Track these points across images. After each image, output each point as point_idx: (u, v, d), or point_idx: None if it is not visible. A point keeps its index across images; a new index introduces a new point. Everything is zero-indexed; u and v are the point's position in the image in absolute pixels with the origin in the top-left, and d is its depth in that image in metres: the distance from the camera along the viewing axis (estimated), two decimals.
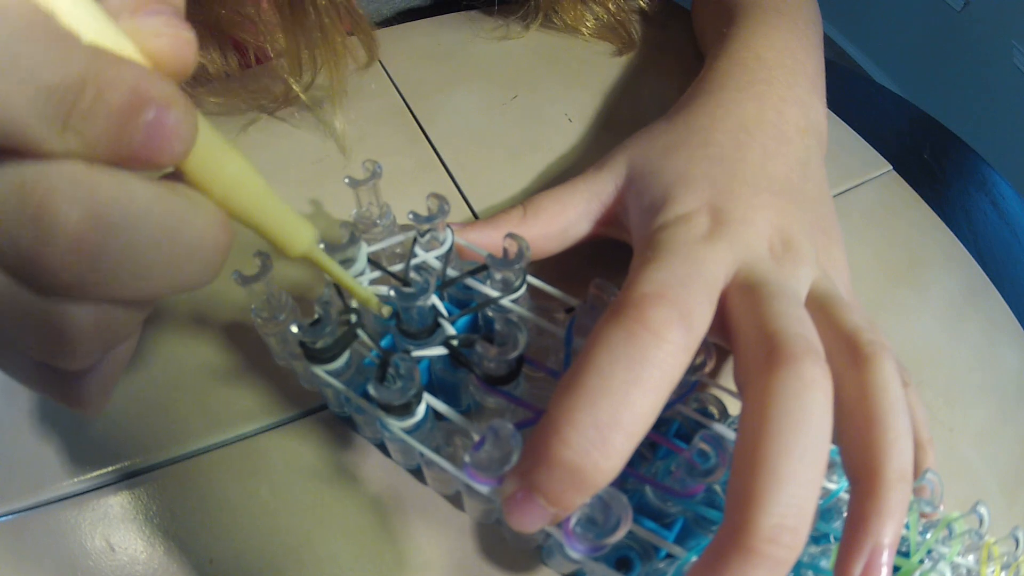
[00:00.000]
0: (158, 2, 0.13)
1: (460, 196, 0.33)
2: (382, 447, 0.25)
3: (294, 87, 0.33)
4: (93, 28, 0.11)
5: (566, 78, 0.40)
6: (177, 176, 0.13)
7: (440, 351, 0.20)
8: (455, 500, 0.24)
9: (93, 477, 0.23)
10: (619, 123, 0.38)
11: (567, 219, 0.26)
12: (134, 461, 0.24)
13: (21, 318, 0.12)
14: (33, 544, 0.22)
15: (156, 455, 0.24)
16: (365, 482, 0.24)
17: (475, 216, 0.32)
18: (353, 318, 0.19)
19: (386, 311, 0.19)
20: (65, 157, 0.11)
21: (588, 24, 0.42)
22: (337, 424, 0.25)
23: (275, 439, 0.25)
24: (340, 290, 0.21)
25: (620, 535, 0.16)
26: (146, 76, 0.11)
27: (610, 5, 0.42)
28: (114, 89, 0.11)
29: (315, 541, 0.22)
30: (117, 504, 0.23)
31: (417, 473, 0.24)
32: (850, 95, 0.45)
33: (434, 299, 0.20)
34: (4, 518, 0.22)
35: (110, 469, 0.23)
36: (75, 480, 0.23)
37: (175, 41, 0.12)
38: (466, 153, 0.35)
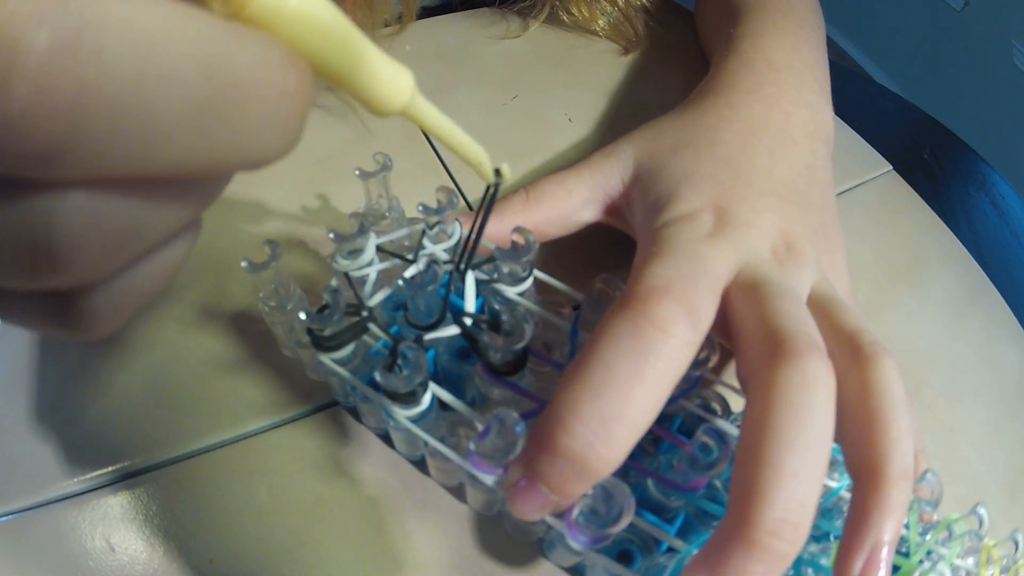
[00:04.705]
0: None
1: (461, 197, 0.33)
2: (386, 438, 0.25)
3: None
4: None
5: (566, 78, 0.40)
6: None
7: (453, 331, 0.20)
8: (457, 493, 0.24)
9: (93, 477, 0.23)
10: (620, 124, 0.38)
11: (570, 205, 0.26)
12: (134, 461, 0.24)
13: None
14: (33, 544, 0.22)
15: (156, 455, 0.24)
16: (365, 481, 0.24)
17: None
18: (364, 313, 0.19)
19: (504, 170, 0.17)
20: None
21: (599, 22, 0.42)
22: (337, 423, 0.25)
23: (275, 438, 0.25)
24: (351, 281, 0.21)
25: (623, 525, 0.16)
26: None
27: (619, 1, 0.43)
28: None
29: (315, 541, 0.22)
30: (117, 504, 0.23)
31: (420, 465, 0.24)
32: (850, 95, 0.45)
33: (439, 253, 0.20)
34: (4, 518, 0.22)
35: (110, 469, 0.23)
36: (75, 480, 0.23)
37: None
38: None
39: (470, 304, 0.21)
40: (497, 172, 0.18)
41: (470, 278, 0.21)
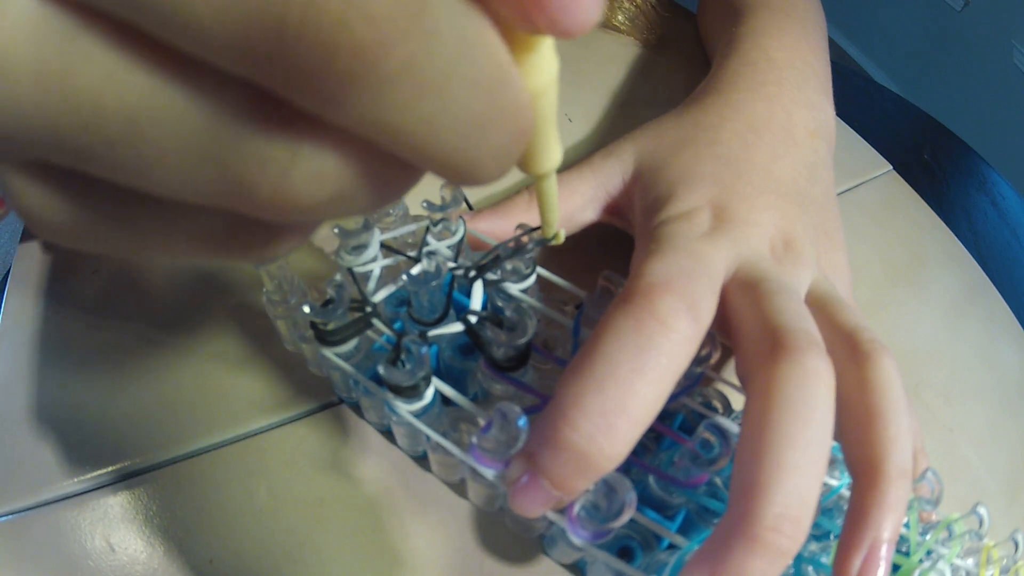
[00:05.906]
0: None
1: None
2: (387, 434, 0.25)
3: None
4: None
5: (566, 78, 0.40)
6: None
7: (456, 328, 0.20)
8: (458, 490, 0.24)
9: (93, 477, 0.23)
10: (620, 123, 0.38)
11: (573, 205, 0.26)
12: (134, 461, 0.24)
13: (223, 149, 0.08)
14: (33, 544, 0.22)
15: (156, 455, 0.24)
16: (366, 481, 0.24)
17: None
18: (368, 308, 0.20)
19: (561, 235, 0.20)
20: None
21: (618, 17, 0.43)
22: (337, 422, 0.25)
23: (275, 437, 0.25)
24: (355, 276, 0.21)
25: (624, 520, 0.16)
26: None
27: None
28: None
29: (315, 540, 0.22)
30: (117, 504, 0.23)
31: (421, 462, 0.24)
32: (850, 95, 0.45)
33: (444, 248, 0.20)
34: (4, 518, 0.22)
35: (110, 469, 0.23)
36: (75, 480, 0.23)
37: None
38: None
39: (476, 306, 0.21)
40: (556, 236, 0.20)
41: (478, 285, 0.21)
